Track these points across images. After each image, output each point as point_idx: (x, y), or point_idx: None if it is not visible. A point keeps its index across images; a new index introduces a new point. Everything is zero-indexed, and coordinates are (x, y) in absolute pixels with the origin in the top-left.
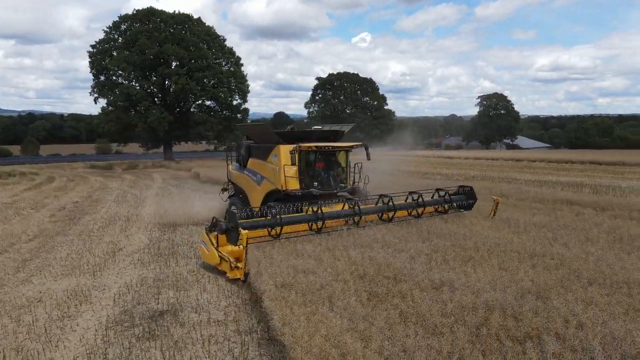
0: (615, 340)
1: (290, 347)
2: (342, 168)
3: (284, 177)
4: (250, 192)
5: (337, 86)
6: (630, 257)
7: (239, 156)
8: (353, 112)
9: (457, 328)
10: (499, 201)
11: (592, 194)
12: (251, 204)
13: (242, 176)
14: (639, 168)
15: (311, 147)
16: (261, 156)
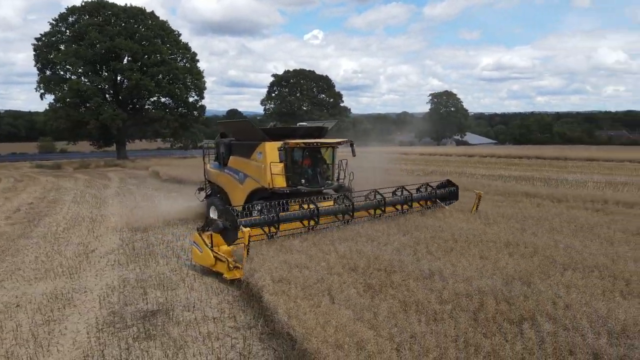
0: (600, 318)
1: (302, 338)
2: (328, 165)
3: (270, 174)
4: (231, 191)
5: (293, 83)
6: (594, 244)
7: (219, 154)
8: (310, 109)
9: (456, 314)
10: (481, 195)
11: (546, 187)
12: (233, 203)
13: (222, 175)
14: (579, 162)
15: (299, 144)
16: (244, 154)
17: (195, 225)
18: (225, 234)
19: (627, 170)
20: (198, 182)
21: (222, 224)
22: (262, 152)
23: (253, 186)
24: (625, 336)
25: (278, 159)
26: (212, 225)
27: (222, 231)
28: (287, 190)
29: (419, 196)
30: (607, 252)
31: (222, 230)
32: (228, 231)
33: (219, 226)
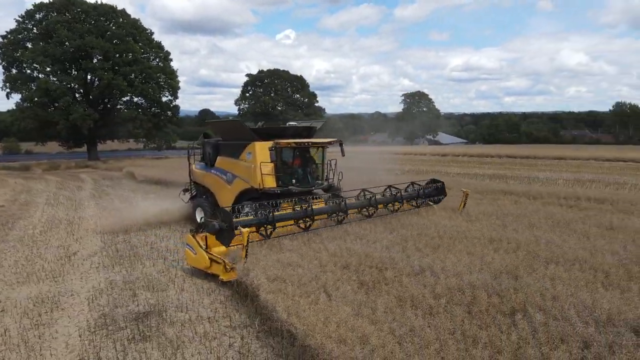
0: (586, 308)
1: (304, 334)
2: (317, 165)
3: (261, 175)
4: (219, 192)
5: (267, 83)
6: (572, 238)
7: (205, 155)
8: (284, 109)
9: (451, 307)
10: (468, 193)
11: (521, 185)
12: (220, 204)
13: (209, 176)
14: (548, 161)
15: (290, 144)
16: (232, 154)
17: (179, 226)
18: (221, 235)
19: (592, 168)
20: (176, 183)
21: (218, 225)
22: (252, 152)
23: (242, 187)
24: (611, 324)
25: (268, 159)
26: (208, 226)
27: (217, 232)
28: (278, 191)
29: (409, 195)
30: (585, 246)
31: (217, 231)
32: (224, 232)
33: (214, 227)
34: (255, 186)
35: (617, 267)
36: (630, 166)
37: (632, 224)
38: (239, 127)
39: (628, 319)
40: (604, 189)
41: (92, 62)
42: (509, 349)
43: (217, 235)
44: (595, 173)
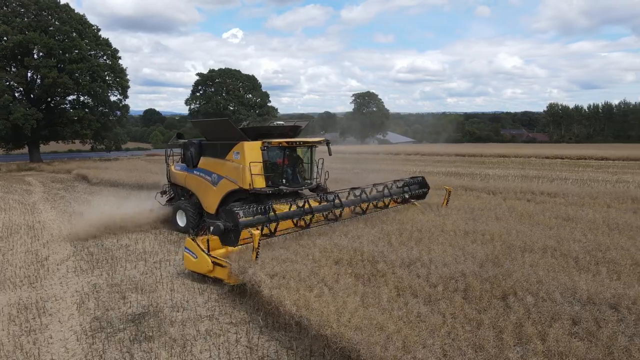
0: (568, 289)
1: (319, 325)
2: (304, 164)
3: (250, 175)
4: (203, 194)
5: (219, 83)
6: (537, 229)
7: (186, 156)
8: (237, 109)
9: (448, 294)
10: (451, 190)
11: (477, 181)
12: (205, 206)
13: (192, 177)
14: (494, 158)
15: (281, 143)
16: (218, 154)
17: (152, 229)
18: (227, 236)
19: (534, 165)
20: (138, 186)
21: (223, 226)
22: (240, 152)
23: (229, 187)
24: (592, 303)
25: (257, 159)
26: (212, 227)
27: (223, 233)
28: (269, 191)
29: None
30: (550, 235)
31: (223, 232)
32: (230, 232)
33: (220, 228)
34: (245, 187)
35: (583, 253)
36: (567, 162)
37: (585, 214)
38: (226, 127)
39: (606, 298)
40: (550, 184)
41: (34, 59)
42: (510, 328)
43: (222, 236)
44: (538, 169)
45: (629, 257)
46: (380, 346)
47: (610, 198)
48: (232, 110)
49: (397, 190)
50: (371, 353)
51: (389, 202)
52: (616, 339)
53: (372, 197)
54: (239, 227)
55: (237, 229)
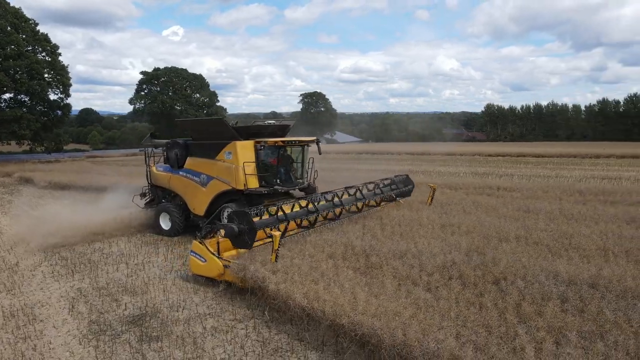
0: (551, 273)
1: (334, 315)
2: (297, 163)
3: (244, 175)
4: (190, 195)
5: (165, 81)
6: (505, 221)
7: (171, 156)
8: (185, 109)
9: (446, 282)
10: (435, 187)
11: (434, 178)
12: (192, 207)
13: (177, 178)
14: (442, 157)
15: (277, 142)
16: (207, 154)
17: (122, 232)
18: (240, 238)
19: (480, 163)
20: (90, 188)
21: (237, 228)
22: (233, 151)
23: (220, 188)
24: (573, 284)
25: (251, 159)
26: (225, 230)
27: (237, 236)
28: (265, 191)
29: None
30: (518, 226)
31: (237, 235)
32: (244, 235)
33: (234, 231)
34: (239, 187)
35: (552, 241)
36: (508, 160)
37: (542, 206)
38: (218, 126)
39: (584, 279)
40: (499, 179)
41: None
42: (510, 309)
43: (235, 239)
44: (485, 166)
45: (592, 243)
46: (400, 330)
47: (559, 191)
48: (179, 110)
49: (387, 189)
50: (393, 337)
51: (380, 201)
52: (603, 314)
53: (366, 196)
54: (254, 229)
55: (252, 230)
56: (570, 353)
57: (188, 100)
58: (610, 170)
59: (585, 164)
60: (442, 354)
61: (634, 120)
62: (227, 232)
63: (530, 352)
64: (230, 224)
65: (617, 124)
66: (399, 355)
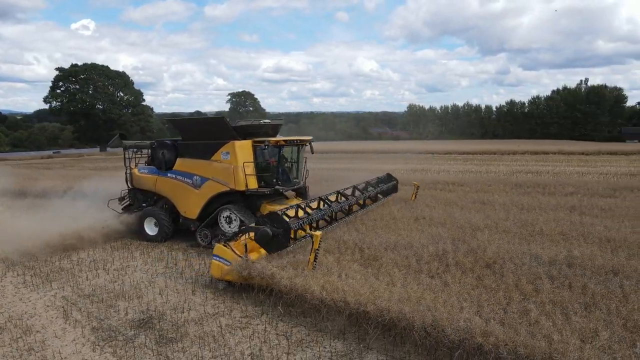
0: (532, 256)
1: (357, 304)
2: (293, 163)
3: (244, 175)
4: (181, 198)
5: (84, 79)
6: (469, 212)
7: (157, 157)
8: (108, 108)
9: (445, 268)
10: (418, 185)
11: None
12: (182, 210)
13: (165, 180)
14: (375, 155)
15: (279, 142)
16: (200, 155)
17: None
18: (273, 241)
19: (415, 160)
20: (22, 193)
21: (271, 231)
22: (231, 152)
23: (217, 190)
24: (553, 264)
25: (249, 159)
26: (258, 234)
27: (271, 239)
28: (267, 191)
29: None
30: (483, 217)
31: (272, 237)
32: (278, 238)
33: (268, 234)
34: (239, 188)
35: (518, 228)
36: (437, 157)
37: (494, 199)
38: (218, 125)
39: (560, 259)
40: (438, 175)
41: None
42: (511, 287)
43: (269, 242)
44: (420, 164)
45: (552, 229)
46: (429, 313)
47: (502, 185)
48: (101, 109)
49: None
50: (423, 319)
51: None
52: (589, 287)
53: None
54: (289, 230)
55: (287, 232)
56: (578, 321)
57: (111, 99)
58: (529, 165)
59: (505, 160)
60: (474, 331)
61: (537, 120)
62: (260, 235)
63: (546, 324)
64: (264, 227)
65: (523, 124)
66: (429, 335)
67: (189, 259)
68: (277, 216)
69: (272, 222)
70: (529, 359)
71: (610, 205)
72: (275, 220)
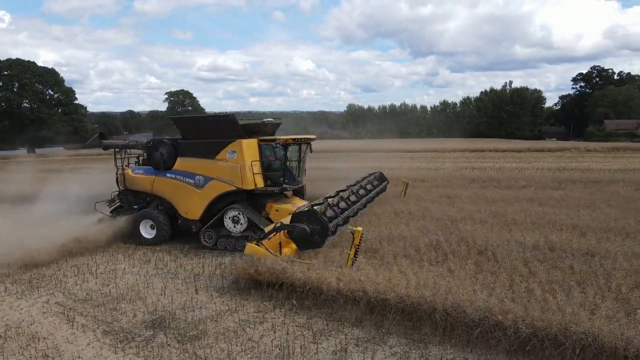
0: (517, 242)
1: (377, 292)
2: (296, 162)
3: (252, 174)
4: (181, 198)
5: (8, 75)
6: (441, 205)
7: (156, 157)
8: (36, 107)
9: (444, 256)
10: (408, 182)
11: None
12: (183, 211)
13: (164, 181)
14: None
15: (288, 140)
16: (203, 154)
17: None
18: (311, 239)
19: (363, 158)
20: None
21: (309, 228)
22: (238, 150)
23: (222, 189)
24: (537, 249)
25: (256, 157)
26: (295, 232)
27: (308, 236)
28: (276, 190)
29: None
30: (456, 209)
31: (309, 235)
32: (314, 236)
33: (306, 232)
34: (247, 187)
35: (491, 218)
36: (382, 155)
37: (457, 193)
38: (227, 124)
39: (541, 244)
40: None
41: None
42: (509, 271)
43: (302, 238)
44: (370, 162)
45: (522, 218)
46: (450, 296)
47: (459, 180)
48: (28, 107)
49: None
50: (444, 302)
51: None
52: (574, 268)
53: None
54: (327, 228)
55: (325, 230)
56: (578, 297)
57: (39, 97)
58: (472, 162)
59: (448, 157)
60: (493, 309)
61: (467, 120)
62: (297, 233)
63: (552, 300)
64: (301, 225)
65: (455, 123)
66: (450, 316)
67: (178, 260)
68: (315, 214)
69: (309, 220)
70: (546, 331)
71: (563, 197)
72: (313, 219)
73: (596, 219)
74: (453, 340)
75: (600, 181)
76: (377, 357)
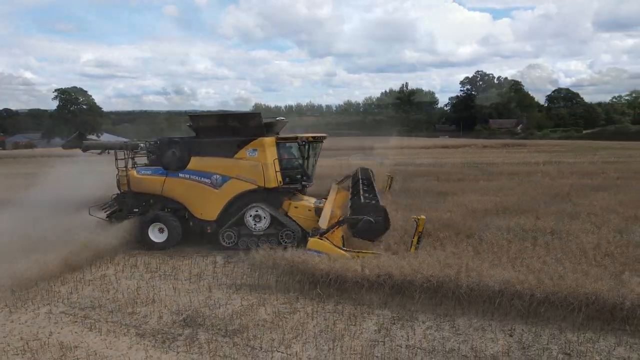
0: (502, 226)
1: (403, 276)
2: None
3: (275, 173)
4: (197, 199)
5: None
6: (406, 197)
7: (167, 157)
8: None
9: (441, 241)
10: (392, 177)
11: None
12: (198, 212)
13: (177, 181)
14: None
15: (309, 138)
16: (221, 153)
17: None
18: (372, 230)
19: None
20: None
21: (374, 220)
22: (259, 149)
23: (242, 188)
24: (523, 231)
25: (276, 156)
26: (360, 224)
27: (371, 227)
28: (299, 187)
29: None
30: (422, 201)
31: (372, 225)
32: (376, 225)
33: (372, 224)
34: (269, 185)
35: (456, 207)
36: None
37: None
38: (252, 121)
39: (514, 226)
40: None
41: None
42: (504, 250)
43: (367, 230)
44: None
45: (487, 205)
46: (474, 272)
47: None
48: None
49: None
50: (468, 278)
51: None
52: (553, 244)
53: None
54: (388, 219)
55: (386, 217)
56: (570, 266)
57: None
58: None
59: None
60: (513, 281)
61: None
62: (362, 226)
63: (552, 269)
64: (365, 217)
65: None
66: (473, 290)
67: (167, 262)
68: (377, 206)
69: (368, 211)
70: (557, 295)
71: (500, 187)
72: (372, 209)
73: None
74: (474, 311)
75: (519, 173)
76: (417, 331)
